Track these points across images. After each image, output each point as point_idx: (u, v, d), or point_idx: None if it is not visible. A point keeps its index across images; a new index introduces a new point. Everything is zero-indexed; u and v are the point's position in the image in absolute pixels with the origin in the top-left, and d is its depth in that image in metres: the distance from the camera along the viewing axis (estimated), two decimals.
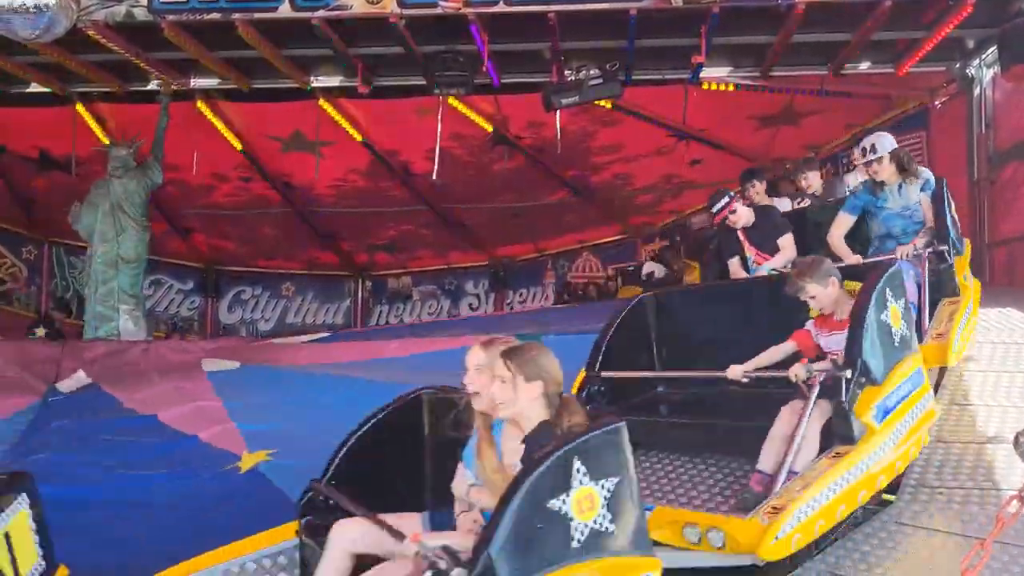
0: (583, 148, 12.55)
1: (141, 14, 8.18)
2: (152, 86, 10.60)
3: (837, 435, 3.99)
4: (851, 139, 11.47)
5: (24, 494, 3.09)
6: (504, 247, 16.31)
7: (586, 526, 2.76)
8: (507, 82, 10.08)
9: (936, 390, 5.06)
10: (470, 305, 16.93)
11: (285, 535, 3.72)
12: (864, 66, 9.80)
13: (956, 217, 5.99)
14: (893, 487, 4.34)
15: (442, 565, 2.66)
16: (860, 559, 3.89)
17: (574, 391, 4.90)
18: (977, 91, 9.81)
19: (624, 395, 5.07)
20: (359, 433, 3.80)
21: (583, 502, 2.75)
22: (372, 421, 3.83)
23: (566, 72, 9.26)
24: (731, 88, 10.40)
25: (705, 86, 10.20)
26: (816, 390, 4.02)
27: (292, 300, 17.01)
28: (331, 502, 3.52)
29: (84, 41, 8.82)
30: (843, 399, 3.97)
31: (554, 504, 2.70)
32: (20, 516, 3.02)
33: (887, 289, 4.30)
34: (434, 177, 11.36)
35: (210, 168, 13.00)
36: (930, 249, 5.69)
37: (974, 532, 3.86)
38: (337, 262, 16.68)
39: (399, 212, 14.93)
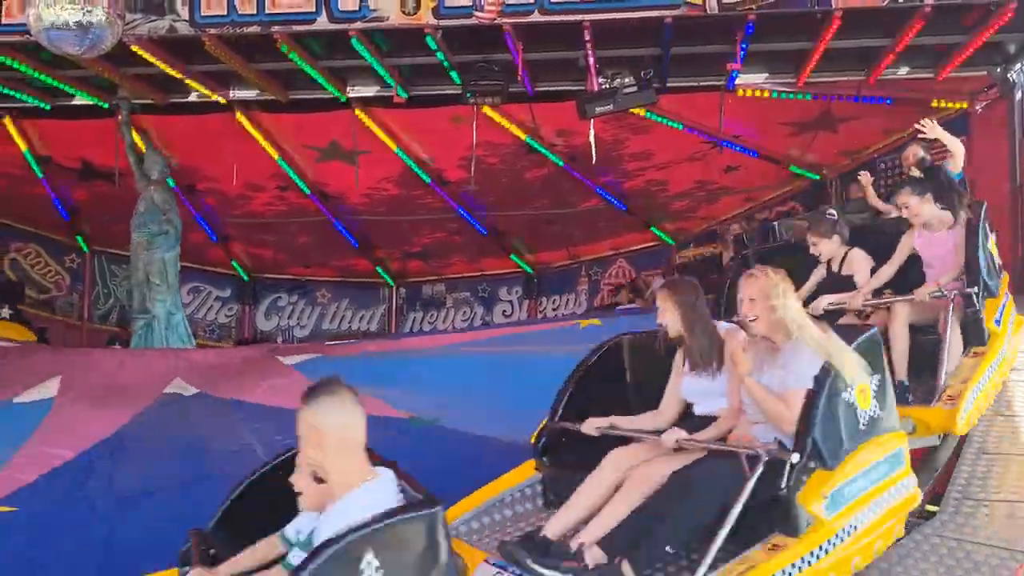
0: (616, 155, 12.54)
1: (183, 28, 8.35)
2: (193, 97, 10.81)
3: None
4: (889, 144, 11.37)
5: None
6: (538, 254, 16.34)
7: None
8: (541, 90, 10.13)
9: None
10: (503, 312, 16.97)
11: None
12: (903, 71, 9.70)
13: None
14: (936, 499, 4.30)
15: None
16: (903, 573, 3.86)
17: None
18: (1019, 95, 9.68)
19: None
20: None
21: None
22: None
23: (600, 80, 9.27)
24: (767, 94, 10.34)
25: (740, 93, 10.15)
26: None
27: (327, 307, 17.16)
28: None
29: (127, 54, 9.01)
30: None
31: None
32: None
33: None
34: (471, 185, 11.43)
35: (248, 178, 13.18)
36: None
37: (1020, 546, 3.81)
38: (372, 269, 16.82)
39: (433, 220, 15.03)
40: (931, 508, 4.33)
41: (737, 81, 9.70)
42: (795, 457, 3.43)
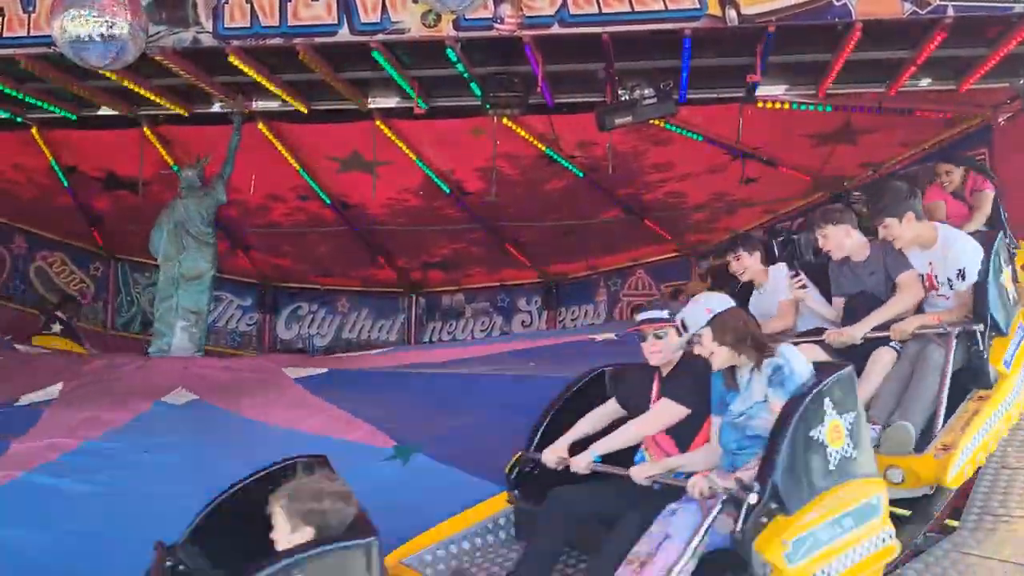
0: (635, 167, 12.54)
1: (207, 39, 8.44)
2: (216, 108, 10.94)
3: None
4: (909, 157, 11.31)
5: None
6: (557, 264, 16.34)
7: None
8: (561, 102, 10.17)
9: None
10: (522, 322, 16.97)
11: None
12: (924, 83, 9.65)
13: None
14: (956, 513, 4.25)
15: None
16: None
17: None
18: None
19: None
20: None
21: None
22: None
23: (620, 92, 9.29)
24: (787, 106, 10.32)
25: (760, 104, 10.14)
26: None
27: (347, 316, 17.23)
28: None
29: (151, 66, 9.14)
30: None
31: None
32: None
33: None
34: (492, 196, 11.47)
35: (269, 188, 13.31)
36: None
37: None
38: (392, 279, 16.89)
39: (452, 230, 15.08)
40: (951, 523, 4.28)
41: (757, 93, 9.68)
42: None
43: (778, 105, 10.27)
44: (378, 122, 11.48)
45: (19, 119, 11.49)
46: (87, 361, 10.11)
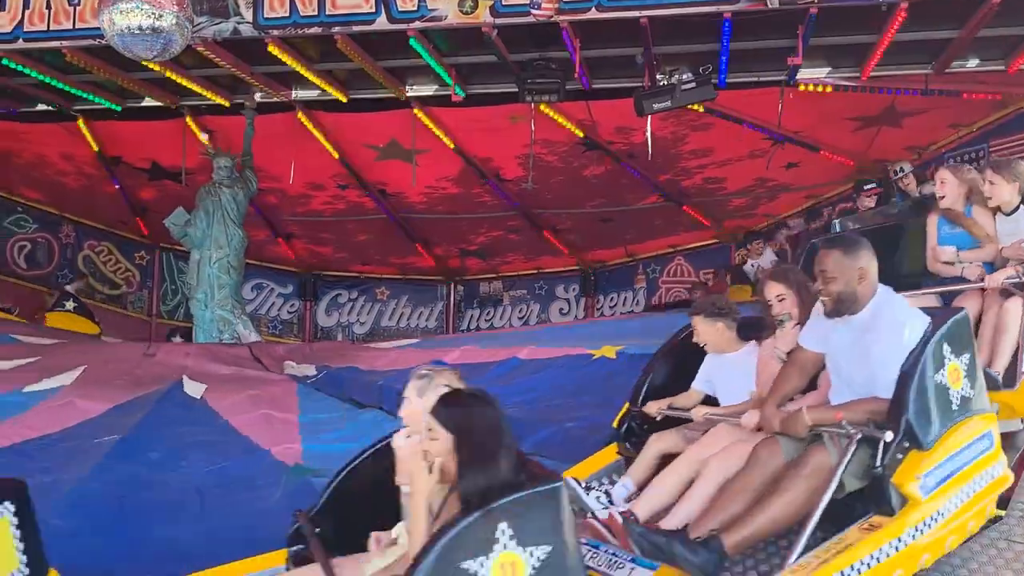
0: (674, 152, 12.44)
1: (247, 30, 8.55)
2: (258, 98, 11.08)
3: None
4: (957, 140, 11.06)
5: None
6: (595, 251, 16.30)
7: None
8: (598, 87, 10.11)
9: None
10: (560, 310, 16.96)
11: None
12: (972, 63, 9.43)
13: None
14: (1003, 502, 4.18)
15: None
16: None
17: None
18: None
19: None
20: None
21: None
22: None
23: (658, 77, 9.21)
24: (829, 89, 10.15)
25: (802, 88, 9.98)
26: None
27: (387, 304, 17.37)
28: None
29: (193, 56, 9.27)
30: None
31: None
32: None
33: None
34: (530, 183, 11.47)
35: (309, 177, 13.43)
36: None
37: None
38: (430, 267, 16.98)
39: (490, 217, 15.10)
40: (998, 512, 4.21)
41: (798, 76, 9.54)
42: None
43: (820, 88, 10.10)
44: (416, 110, 11.52)
45: (66, 111, 11.75)
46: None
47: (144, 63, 8.85)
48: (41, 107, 11.73)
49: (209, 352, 9.73)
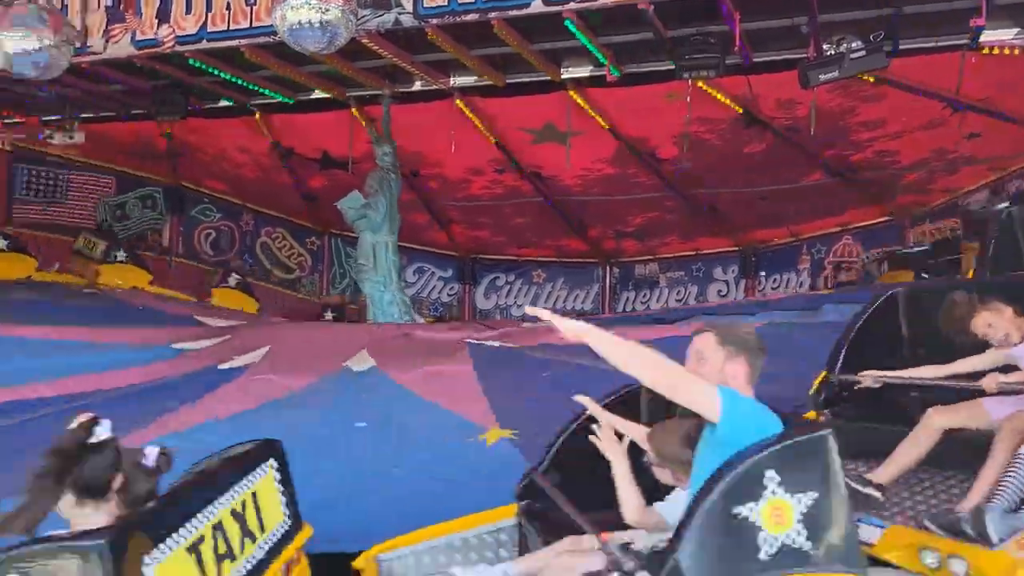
0: (841, 126, 11.83)
1: (407, 20, 8.82)
2: (417, 86, 11.43)
3: None
4: None
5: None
6: (755, 231, 15.80)
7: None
8: (759, 61, 9.76)
9: None
10: (718, 292, 16.58)
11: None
12: None
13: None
14: None
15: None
16: None
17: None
18: None
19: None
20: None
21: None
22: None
23: (825, 46, 8.78)
24: (1016, 52, 9.35)
25: (986, 51, 9.24)
26: None
27: (543, 286, 17.57)
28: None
29: (357, 49, 9.67)
30: None
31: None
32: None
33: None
34: (686, 162, 11.25)
35: (467, 162, 13.74)
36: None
37: None
38: (586, 249, 17.00)
39: (646, 199, 14.93)
40: None
41: (981, 38, 8.84)
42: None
43: (1007, 51, 9.31)
44: (571, 92, 11.53)
45: (247, 106, 12.59)
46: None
47: (313, 56, 9.32)
48: (223, 103, 12.61)
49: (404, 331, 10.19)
